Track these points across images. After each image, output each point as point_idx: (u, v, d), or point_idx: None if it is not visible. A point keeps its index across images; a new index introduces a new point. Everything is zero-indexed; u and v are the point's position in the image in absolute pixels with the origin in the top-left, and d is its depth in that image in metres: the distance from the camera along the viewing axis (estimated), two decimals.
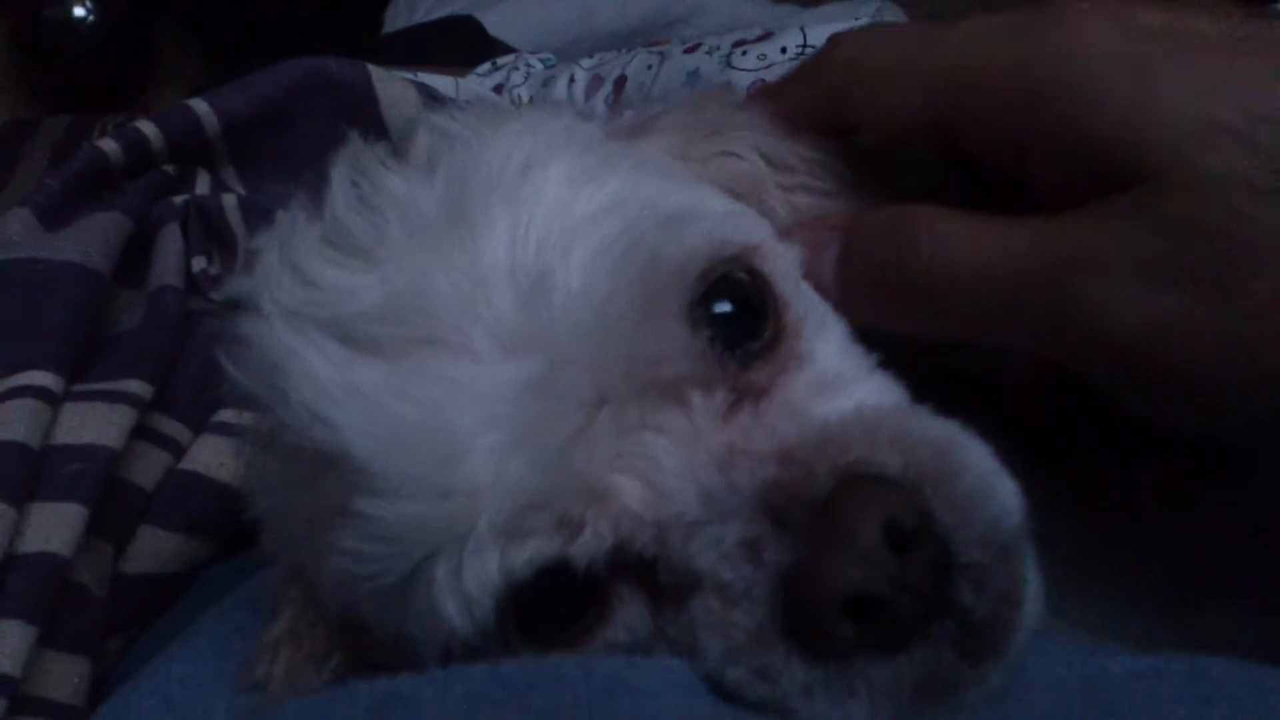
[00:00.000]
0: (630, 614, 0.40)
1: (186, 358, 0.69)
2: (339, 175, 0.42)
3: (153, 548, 0.64)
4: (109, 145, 0.76)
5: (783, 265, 0.43)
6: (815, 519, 0.35)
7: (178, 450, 0.67)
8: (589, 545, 0.38)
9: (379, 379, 0.37)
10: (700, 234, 0.40)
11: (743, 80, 0.98)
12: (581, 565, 0.38)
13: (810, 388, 0.41)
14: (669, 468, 0.38)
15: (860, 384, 0.42)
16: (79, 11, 1.75)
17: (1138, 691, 0.36)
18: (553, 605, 0.39)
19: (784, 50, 1.00)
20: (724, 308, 0.41)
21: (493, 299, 0.37)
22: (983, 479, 0.36)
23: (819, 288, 0.44)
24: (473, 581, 0.37)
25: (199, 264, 0.74)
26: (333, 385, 0.37)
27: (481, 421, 0.36)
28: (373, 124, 0.83)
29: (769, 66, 0.98)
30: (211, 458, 0.66)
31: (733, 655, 0.37)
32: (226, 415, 0.68)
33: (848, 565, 0.34)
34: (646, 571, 0.39)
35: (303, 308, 0.39)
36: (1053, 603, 0.37)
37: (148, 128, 0.78)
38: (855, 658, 0.35)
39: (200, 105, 0.80)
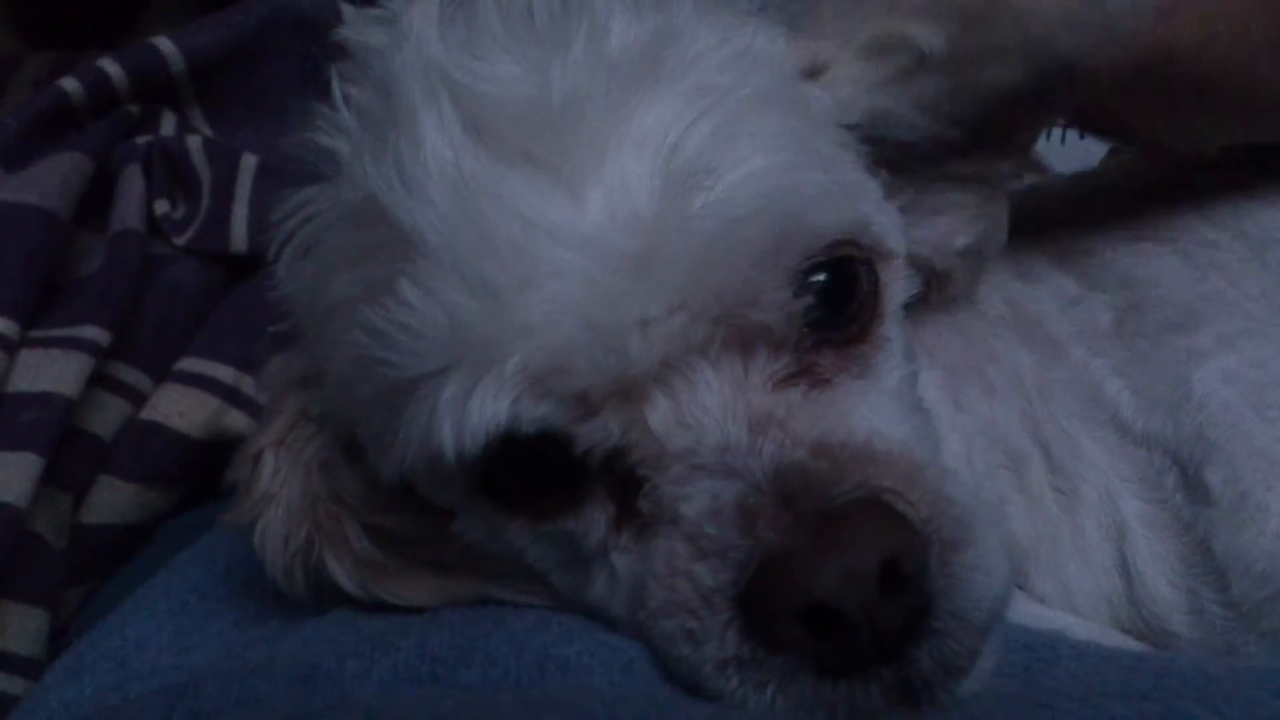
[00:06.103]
0: (595, 518, 0.40)
1: (147, 304, 0.67)
2: None
3: (112, 498, 0.63)
4: (70, 84, 0.74)
5: (898, 284, 0.43)
6: (825, 518, 0.35)
7: (137, 399, 0.66)
8: (595, 434, 0.38)
9: (485, 174, 0.36)
10: (850, 212, 0.40)
11: None
12: (579, 450, 0.38)
13: (865, 399, 0.41)
14: (704, 403, 0.37)
15: (908, 421, 0.42)
16: None
17: (1077, 688, 0.35)
18: (531, 472, 0.39)
19: None
20: (826, 282, 0.40)
21: (634, 163, 0.36)
22: (985, 559, 0.36)
23: None
24: (477, 412, 0.36)
25: (161, 207, 0.72)
26: (436, 160, 0.37)
27: (561, 264, 0.35)
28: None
29: None
30: (172, 407, 0.65)
31: (672, 608, 0.36)
32: (188, 364, 0.67)
33: (835, 574, 0.33)
34: (628, 488, 0.39)
35: (448, 69, 0.38)
36: None
37: (110, 66, 0.75)
38: (789, 657, 0.35)
39: (165, 43, 0.78)
